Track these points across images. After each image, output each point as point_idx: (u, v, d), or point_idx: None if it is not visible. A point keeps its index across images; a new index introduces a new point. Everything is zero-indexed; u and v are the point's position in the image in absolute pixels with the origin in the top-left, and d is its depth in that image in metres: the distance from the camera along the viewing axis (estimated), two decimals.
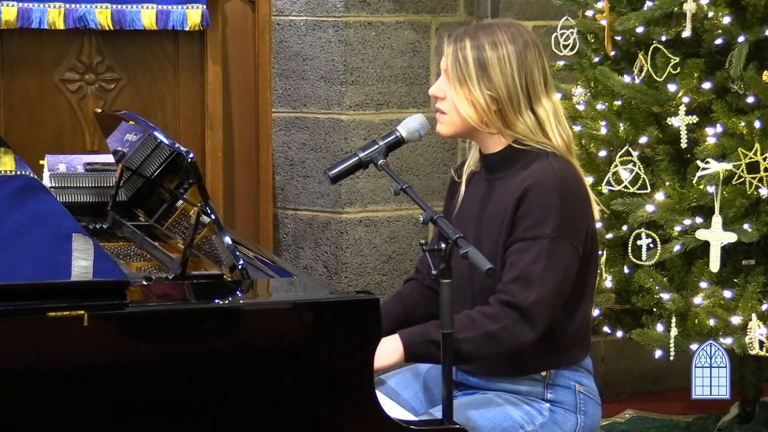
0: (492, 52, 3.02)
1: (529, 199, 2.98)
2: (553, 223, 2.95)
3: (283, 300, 2.81)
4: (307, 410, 2.63)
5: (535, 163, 3.03)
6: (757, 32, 4.06)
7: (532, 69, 3.05)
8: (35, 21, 4.25)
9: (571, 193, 3.01)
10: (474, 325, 2.92)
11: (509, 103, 3.03)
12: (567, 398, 3.09)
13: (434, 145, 5.01)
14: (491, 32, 3.06)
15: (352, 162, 3.07)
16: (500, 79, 3.02)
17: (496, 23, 3.11)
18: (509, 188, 3.03)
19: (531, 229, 2.96)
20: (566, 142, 3.08)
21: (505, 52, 3.03)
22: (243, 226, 4.62)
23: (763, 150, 4.01)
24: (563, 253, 2.97)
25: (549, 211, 2.96)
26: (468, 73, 3.03)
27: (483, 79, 3.02)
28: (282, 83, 4.94)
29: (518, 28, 3.09)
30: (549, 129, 3.06)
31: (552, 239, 2.95)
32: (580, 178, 3.09)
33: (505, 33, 3.05)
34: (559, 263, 2.96)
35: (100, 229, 3.67)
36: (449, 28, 4.97)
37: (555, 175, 2.99)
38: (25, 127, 4.33)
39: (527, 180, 3.00)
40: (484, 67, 3.02)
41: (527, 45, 3.05)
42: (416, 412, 3.11)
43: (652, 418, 4.92)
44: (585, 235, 3.03)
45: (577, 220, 3.01)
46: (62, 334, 2.48)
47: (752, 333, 4.03)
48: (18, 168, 3.09)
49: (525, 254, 2.95)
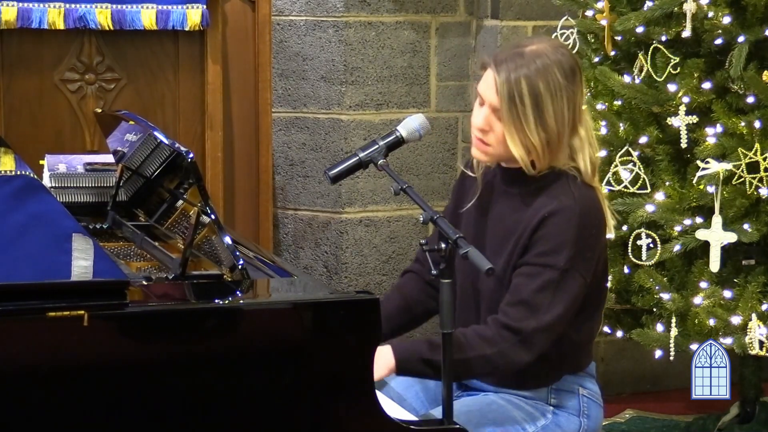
0: (546, 90, 2.92)
1: (547, 226, 2.94)
2: (567, 254, 2.92)
3: (283, 300, 2.81)
4: (307, 410, 2.63)
5: (557, 185, 2.98)
6: (757, 32, 4.06)
7: (578, 100, 2.98)
8: (35, 21, 4.25)
9: (589, 224, 2.97)
10: (469, 347, 2.90)
11: (557, 139, 2.96)
12: (571, 402, 3.09)
13: (434, 145, 5.01)
14: (541, 63, 2.93)
15: (352, 162, 3.06)
16: (553, 120, 2.94)
17: (543, 49, 2.96)
18: (527, 209, 3.00)
19: (543, 257, 2.94)
20: (593, 167, 3.03)
21: (557, 87, 2.92)
22: (243, 226, 4.62)
23: (763, 150, 4.01)
24: (572, 284, 2.94)
25: (565, 242, 2.93)
26: (524, 113, 2.93)
27: (539, 120, 2.93)
28: (282, 83, 4.94)
29: (563, 53, 2.98)
30: (580, 156, 3.01)
31: (564, 271, 2.92)
32: (599, 204, 3.03)
33: (559, 72, 2.93)
34: (566, 294, 2.94)
35: (100, 229, 3.67)
36: (449, 28, 4.98)
37: (576, 204, 2.96)
38: (25, 127, 4.33)
39: (548, 206, 2.95)
40: (539, 108, 2.92)
41: (574, 72, 2.97)
42: (417, 413, 3.11)
43: (652, 418, 4.92)
44: (596, 263, 3.01)
45: (590, 251, 2.98)
46: (62, 334, 2.48)
47: (752, 333, 4.03)
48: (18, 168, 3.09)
49: (533, 280, 2.93)
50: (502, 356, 2.92)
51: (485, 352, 2.91)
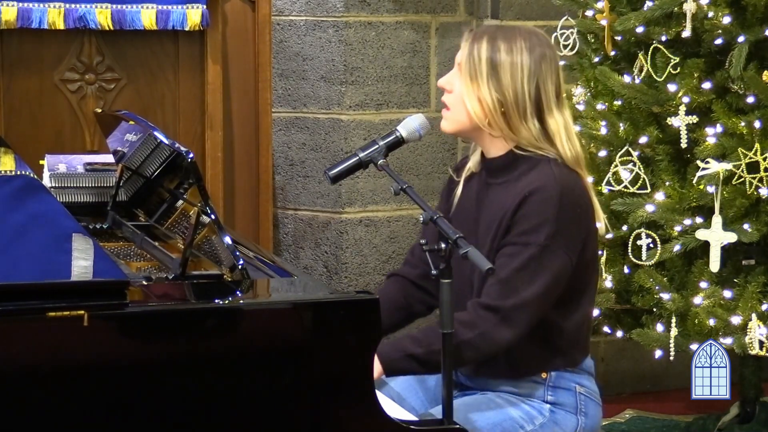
0: (506, 56, 3.02)
1: (527, 205, 2.97)
2: (547, 231, 2.94)
3: (283, 300, 2.81)
4: (307, 410, 2.63)
5: (537, 169, 3.02)
6: (757, 32, 4.06)
7: (545, 80, 3.03)
8: (35, 21, 4.25)
9: (570, 202, 2.99)
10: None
11: (515, 107, 3.01)
12: (567, 400, 3.09)
13: (434, 145, 5.01)
14: (511, 37, 3.05)
15: (352, 162, 3.07)
16: (509, 83, 3.01)
17: (518, 28, 3.10)
18: (510, 193, 3.02)
19: (524, 235, 2.96)
20: (575, 155, 3.06)
21: (519, 59, 3.02)
22: (243, 226, 4.62)
23: (763, 150, 4.01)
24: (554, 261, 2.95)
25: (545, 219, 2.95)
26: (479, 70, 3.03)
27: (492, 79, 3.02)
28: (282, 83, 4.94)
29: (539, 38, 3.08)
30: (558, 141, 3.04)
31: (543, 247, 2.94)
32: (583, 187, 3.07)
33: (525, 41, 3.04)
34: (547, 271, 2.95)
35: (100, 229, 3.67)
36: (449, 28, 4.98)
37: (556, 183, 2.98)
38: (25, 127, 4.33)
39: (528, 186, 2.99)
40: (495, 68, 3.02)
41: (544, 56, 3.04)
42: (416, 412, 3.11)
43: (652, 418, 4.92)
44: (582, 244, 3.02)
45: (574, 229, 2.99)
46: (62, 334, 2.48)
47: (752, 333, 4.03)
48: (18, 168, 3.09)
49: (513, 259, 2.95)
50: (483, 337, 2.93)
51: (467, 336, 2.91)
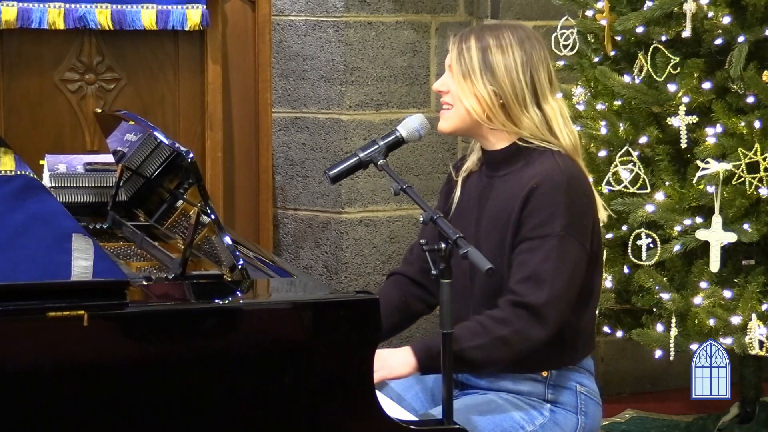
0: (497, 49, 3.03)
1: (536, 198, 2.97)
2: (561, 221, 2.95)
3: (283, 300, 2.81)
4: (307, 410, 2.63)
5: (541, 160, 3.03)
6: (757, 32, 4.06)
7: (537, 67, 3.05)
8: (35, 21, 4.26)
9: (578, 192, 3.01)
10: (485, 331, 2.91)
11: (514, 98, 3.03)
12: (568, 399, 3.09)
13: (434, 145, 5.01)
14: (498, 33, 3.06)
15: (352, 162, 3.07)
16: (504, 75, 3.02)
17: (503, 24, 3.14)
18: (514, 186, 3.03)
19: (539, 228, 2.96)
20: (573, 143, 3.08)
21: (510, 50, 3.04)
22: (243, 226, 4.62)
23: (763, 150, 4.01)
24: (572, 250, 2.96)
25: (557, 210, 2.96)
26: (471, 67, 3.04)
27: (486, 73, 3.03)
28: (282, 83, 4.94)
29: (525, 30, 3.10)
30: (557, 127, 3.06)
31: (561, 237, 2.95)
32: (586, 177, 3.10)
33: (512, 34, 3.05)
34: (569, 261, 2.95)
35: (100, 229, 3.67)
36: (449, 28, 4.98)
37: (562, 173, 2.99)
38: (25, 127, 4.33)
39: (534, 178, 2.99)
40: (487, 63, 3.03)
41: (533, 46, 3.06)
42: (416, 412, 3.11)
43: (652, 418, 4.92)
44: (591, 234, 3.03)
45: (584, 218, 3.01)
46: (62, 334, 2.48)
47: (752, 333, 4.03)
48: (18, 168, 3.09)
49: (534, 253, 2.95)
50: (519, 334, 2.92)
51: (502, 333, 2.91)
